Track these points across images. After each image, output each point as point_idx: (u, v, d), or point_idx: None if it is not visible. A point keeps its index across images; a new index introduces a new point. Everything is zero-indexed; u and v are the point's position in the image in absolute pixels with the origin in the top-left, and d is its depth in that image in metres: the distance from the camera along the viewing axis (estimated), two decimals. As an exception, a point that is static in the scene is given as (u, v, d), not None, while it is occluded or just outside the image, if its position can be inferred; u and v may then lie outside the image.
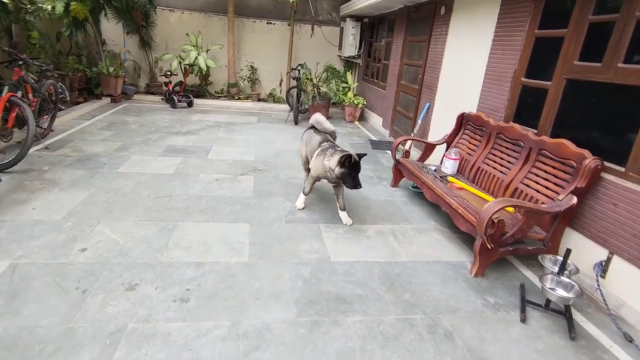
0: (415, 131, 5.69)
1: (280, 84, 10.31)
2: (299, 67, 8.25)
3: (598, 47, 2.85)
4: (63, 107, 6.38)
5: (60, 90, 5.92)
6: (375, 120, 8.17)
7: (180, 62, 8.79)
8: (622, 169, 2.62)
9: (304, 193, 3.77)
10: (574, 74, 3.07)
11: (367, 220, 3.70)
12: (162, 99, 8.93)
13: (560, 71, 3.19)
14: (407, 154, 4.57)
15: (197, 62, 8.68)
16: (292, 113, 7.85)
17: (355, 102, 8.32)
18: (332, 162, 3.29)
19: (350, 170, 3.21)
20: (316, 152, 3.56)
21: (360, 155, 3.29)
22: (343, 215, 3.59)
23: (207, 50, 8.92)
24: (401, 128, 6.69)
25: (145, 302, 2.32)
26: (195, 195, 3.93)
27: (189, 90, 9.13)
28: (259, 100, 9.84)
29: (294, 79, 8.19)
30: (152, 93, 9.37)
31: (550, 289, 2.42)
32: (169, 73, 8.56)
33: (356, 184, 3.25)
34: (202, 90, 9.63)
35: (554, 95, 3.24)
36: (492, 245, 2.78)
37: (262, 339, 2.12)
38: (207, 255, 2.87)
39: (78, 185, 3.89)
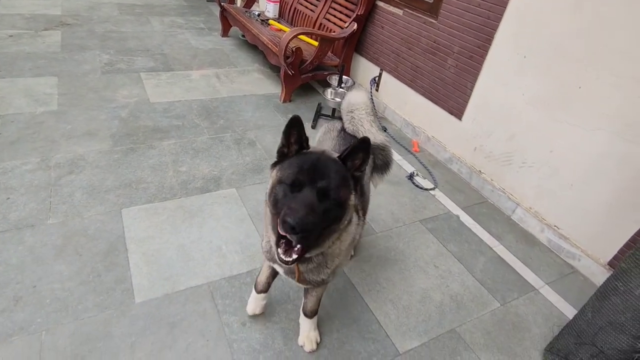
0: (246, -22, 5.47)
1: None
2: None
3: None
4: None
5: None
6: (213, -30, 7.43)
7: None
8: (388, -5, 3.15)
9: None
10: None
11: (192, 66, 3.79)
12: None
13: None
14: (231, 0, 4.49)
15: None
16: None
17: (187, -53, 7.28)
18: None
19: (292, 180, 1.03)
20: None
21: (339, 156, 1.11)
22: (303, 323, 1.61)
23: None
24: (237, -23, 6.30)
25: None
26: (-18, 53, 3.39)
27: None
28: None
29: None
30: None
31: (331, 99, 3.05)
32: None
33: (289, 228, 0.95)
34: None
35: None
36: (294, 72, 3.24)
37: (76, 166, 2.31)
38: (7, 109, 2.71)
39: None
